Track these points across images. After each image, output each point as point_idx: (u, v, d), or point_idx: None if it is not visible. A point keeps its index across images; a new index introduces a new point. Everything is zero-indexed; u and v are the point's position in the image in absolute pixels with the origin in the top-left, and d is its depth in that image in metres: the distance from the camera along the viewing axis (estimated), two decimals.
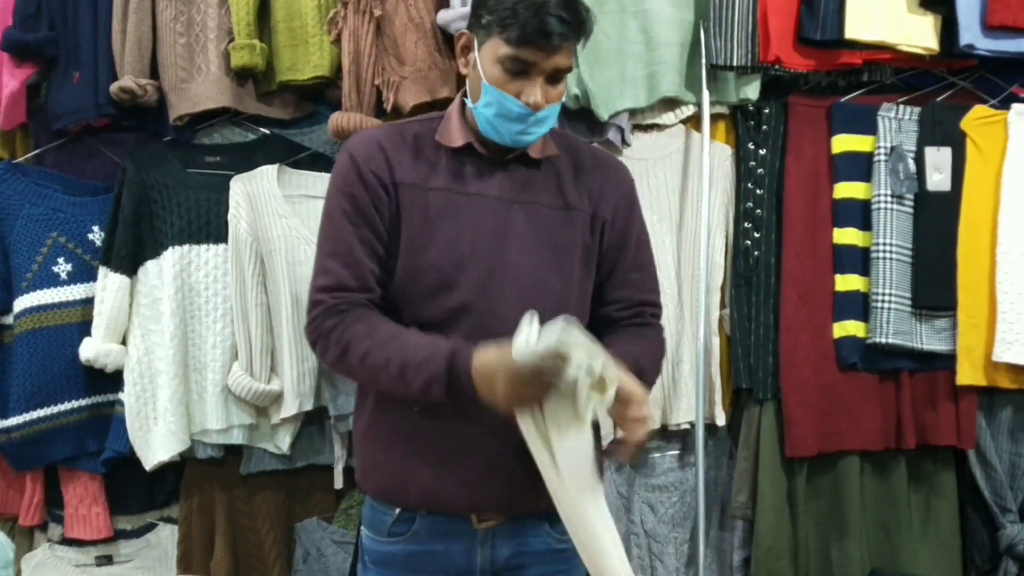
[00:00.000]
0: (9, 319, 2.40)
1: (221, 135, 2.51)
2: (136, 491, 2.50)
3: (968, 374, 2.38)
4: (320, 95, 2.48)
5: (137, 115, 2.42)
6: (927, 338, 2.41)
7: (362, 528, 1.71)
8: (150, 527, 2.53)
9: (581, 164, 1.69)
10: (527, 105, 1.53)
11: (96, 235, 2.43)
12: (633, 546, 2.48)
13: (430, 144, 1.63)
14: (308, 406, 2.37)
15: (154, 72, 2.39)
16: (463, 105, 1.65)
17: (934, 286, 2.39)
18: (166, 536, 2.52)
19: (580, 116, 2.36)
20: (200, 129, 2.49)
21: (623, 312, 1.70)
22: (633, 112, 2.41)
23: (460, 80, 2.34)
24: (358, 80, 2.32)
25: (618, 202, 1.69)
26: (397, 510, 1.63)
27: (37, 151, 2.51)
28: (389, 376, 1.50)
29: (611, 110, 2.34)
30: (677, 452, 2.53)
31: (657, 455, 2.53)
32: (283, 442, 2.40)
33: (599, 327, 1.68)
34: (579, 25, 1.53)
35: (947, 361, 2.40)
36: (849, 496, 2.43)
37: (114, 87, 2.34)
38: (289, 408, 2.35)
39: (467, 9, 2.23)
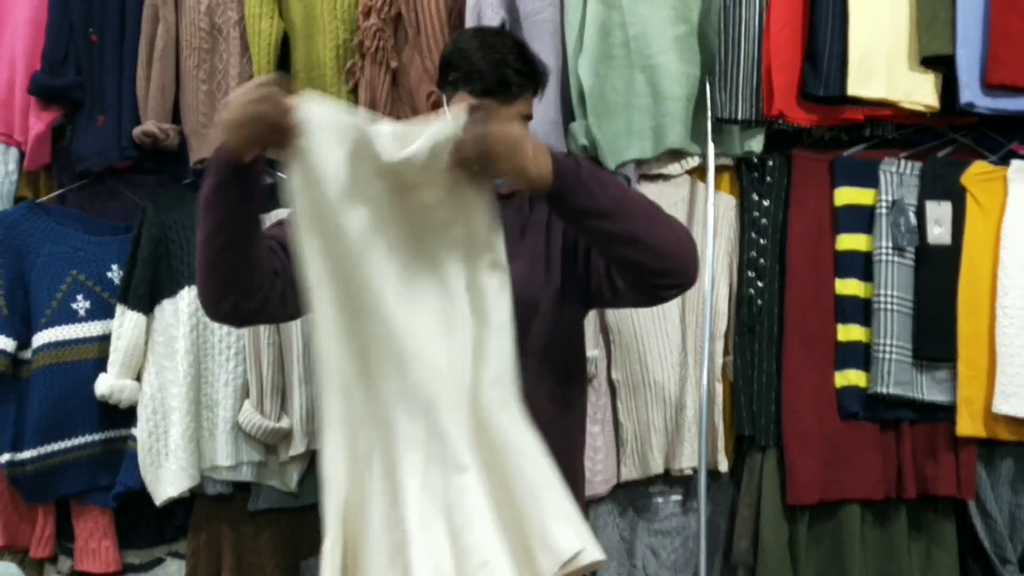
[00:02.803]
0: (28, 354, 2.45)
1: None
2: (145, 526, 2.54)
3: (968, 425, 2.40)
4: None
5: (158, 158, 2.49)
6: (928, 389, 2.43)
7: None
8: (158, 562, 2.56)
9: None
10: None
11: (115, 273, 2.49)
12: None
13: None
14: (316, 444, 2.41)
15: (176, 117, 2.47)
16: None
17: (935, 338, 2.42)
18: (174, 571, 2.55)
19: None
20: None
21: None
22: (640, 162, 2.46)
23: None
24: None
25: None
26: None
27: (60, 191, 2.58)
28: (200, 222, 1.56)
29: (618, 160, 2.39)
30: (680, 498, 2.54)
31: (660, 500, 2.54)
32: (291, 480, 2.43)
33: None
34: (535, 76, 1.70)
35: (947, 412, 2.42)
36: (850, 544, 2.44)
37: (137, 131, 2.41)
38: (298, 446, 2.39)
39: None
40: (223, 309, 1.62)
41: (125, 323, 2.41)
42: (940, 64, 2.38)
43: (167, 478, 2.39)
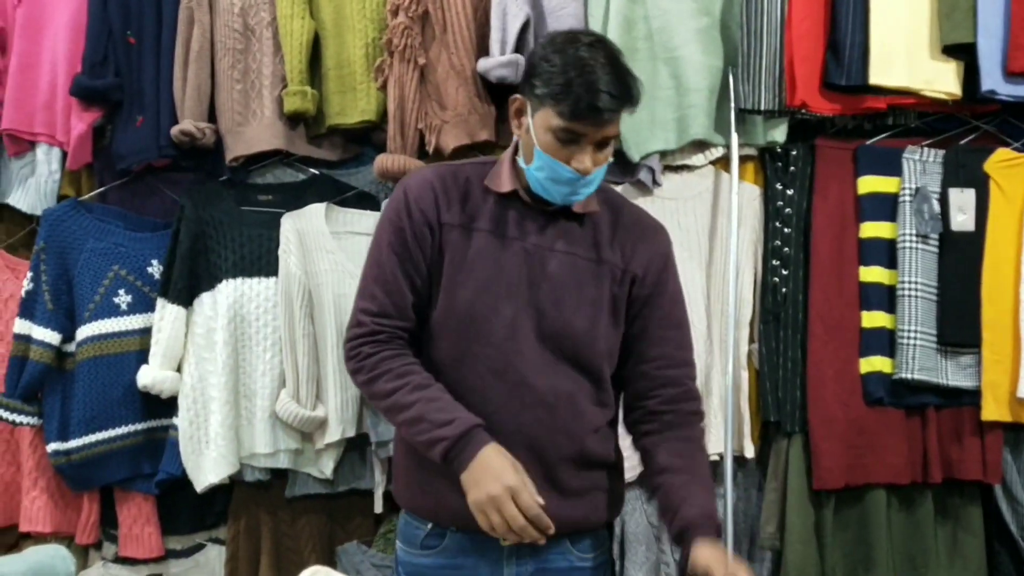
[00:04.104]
0: (72, 347, 2.51)
1: (273, 175, 2.63)
2: (186, 512, 2.60)
3: (993, 410, 2.41)
4: (367, 138, 2.59)
5: (195, 156, 2.53)
6: (952, 374, 2.45)
7: (397, 542, 1.81)
8: (199, 547, 2.63)
9: (620, 222, 1.76)
10: (577, 171, 1.61)
11: (155, 268, 2.54)
12: (663, 575, 2.53)
13: (479, 188, 1.72)
14: (351, 432, 2.46)
15: (212, 116, 2.51)
16: (515, 156, 1.73)
17: (959, 323, 2.43)
18: (214, 556, 2.61)
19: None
20: (254, 169, 2.60)
21: (664, 372, 1.75)
22: (664, 154, 2.50)
23: (498, 123, 2.46)
24: (402, 124, 2.44)
25: (651, 261, 1.75)
26: (429, 525, 1.73)
27: (101, 189, 2.63)
28: (404, 418, 1.63)
29: (642, 152, 2.43)
30: None
31: None
32: (326, 467, 2.49)
33: (638, 383, 1.76)
34: (628, 98, 1.61)
35: (972, 397, 2.43)
36: (876, 529, 2.46)
37: (175, 130, 2.45)
38: (333, 434, 2.44)
39: (505, 58, 2.36)
40: None
41: (165, 316, 2.47)
42: (961, 52, 2.39)
43: (207, 466, 2.45)
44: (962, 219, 2.46)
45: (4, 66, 2.61)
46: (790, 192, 2.55)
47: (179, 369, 2.50)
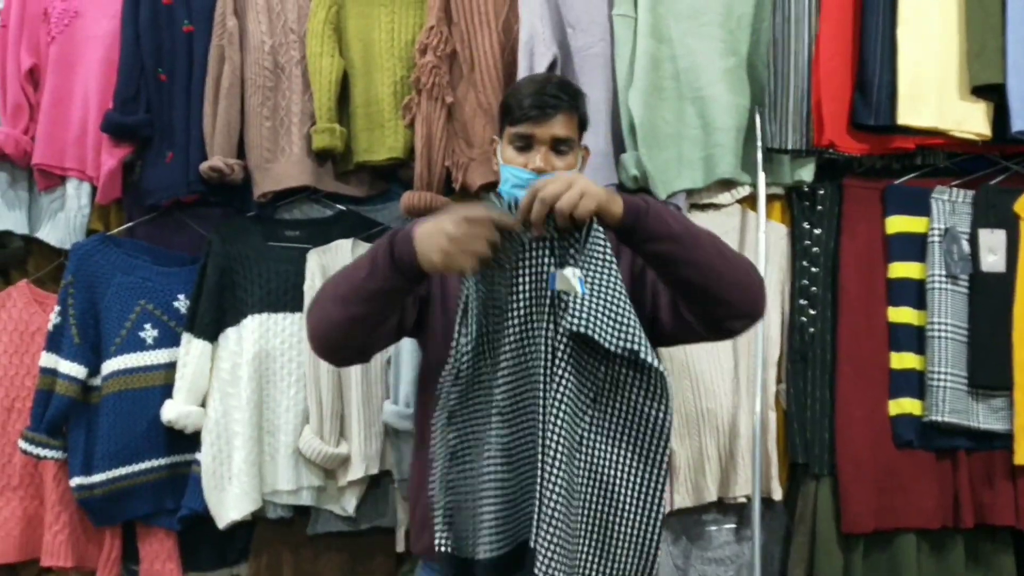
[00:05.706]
0: (97, 381, 2.51)
1: (301, 211, 2.64)
2: (208, 549, 2.58)
3: None
4: (394, 174, 2.61)
5: (223, 192, 2.55)
6: (984, 417, 2.42)
7: None
8: None
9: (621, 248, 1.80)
10: (533, 171, 1.74)
11: (181, 303, 2.56)
12: None
13: None
14: (374, 470, 2.45)
15: (240, 152, 2.53)
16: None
17: (990, 365, 2.40)
18: None
19: None
20: (281, 205, 2.62)
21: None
22: (690, 192, 2.49)
23: None
24: (429, 161, 2.45)
25: None
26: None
27: (130, 224, 2.65)
28: (342, 279, 1.65)
29: (669, 190, 2.42)
30: (734, 526, 2.55)
31: (714, 528, 2.55)
32: (349, 504, 2.48)
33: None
34: (569, 99, 1.77)
35: (1005, 440, 2.40)
36: (907, 574, 2.42)
37: (204, 166, 2.47)
38: (356, 471, 2.43)
39: None
40: (334, 358, 1.77)
41: (191, 351, 2.48)
42: (991, 92, 2.38)
43: (230, 502, 2.44)
44: (992, 260, 2.44)
45: (37, 101, 2.64)
46: (818, 231, 2.53)
47: (203, 404, 2.49)
